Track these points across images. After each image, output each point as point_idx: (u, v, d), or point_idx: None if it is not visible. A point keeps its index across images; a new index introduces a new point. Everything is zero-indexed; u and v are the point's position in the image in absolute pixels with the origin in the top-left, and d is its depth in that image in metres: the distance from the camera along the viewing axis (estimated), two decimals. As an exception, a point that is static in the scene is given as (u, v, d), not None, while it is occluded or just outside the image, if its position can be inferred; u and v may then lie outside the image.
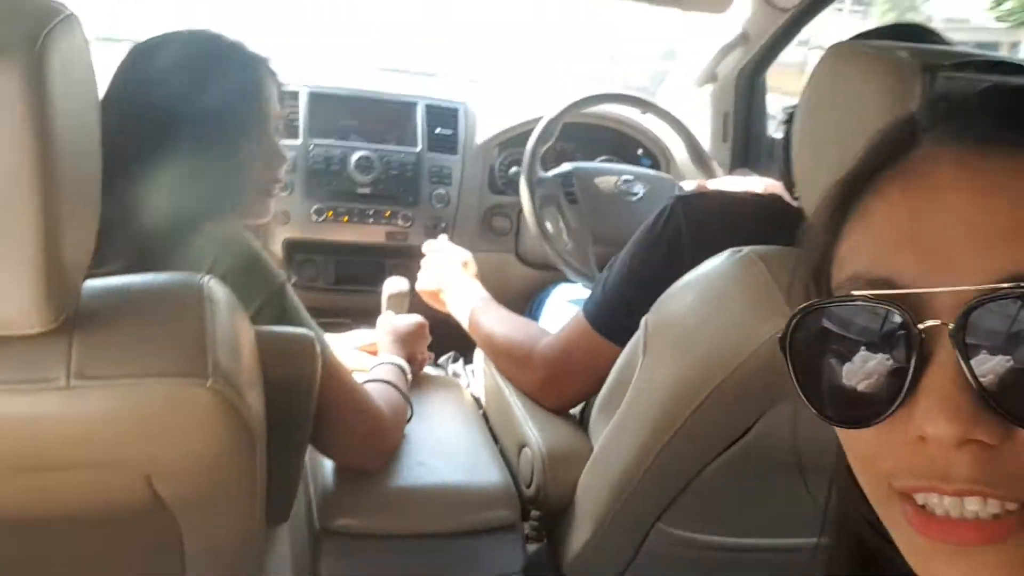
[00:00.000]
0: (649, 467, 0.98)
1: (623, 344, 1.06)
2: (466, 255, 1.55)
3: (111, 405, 0.63)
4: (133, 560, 0.81)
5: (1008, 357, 0.36)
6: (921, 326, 0.38)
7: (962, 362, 0.37)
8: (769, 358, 0.84)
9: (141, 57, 1.03)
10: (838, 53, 0.88)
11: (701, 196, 1.14)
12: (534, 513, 1.19)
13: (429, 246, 1.58)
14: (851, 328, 0.41)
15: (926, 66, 0.79)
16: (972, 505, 0.37)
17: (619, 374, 1.07)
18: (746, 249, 0.89)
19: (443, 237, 1.63)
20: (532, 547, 1.20)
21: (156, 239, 0.94)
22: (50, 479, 0.67)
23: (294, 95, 1.88)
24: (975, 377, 0.36)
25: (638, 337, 1.00)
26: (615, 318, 1.10)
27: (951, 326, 0.37)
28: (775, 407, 0.90)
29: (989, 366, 0.36)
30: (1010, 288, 0.36)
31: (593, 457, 1.08)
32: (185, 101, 0.98)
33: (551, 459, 1.13)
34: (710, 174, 1.86)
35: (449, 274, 1.50)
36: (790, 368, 0.44)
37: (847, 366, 0.41)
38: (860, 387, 0.41)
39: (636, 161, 2.06)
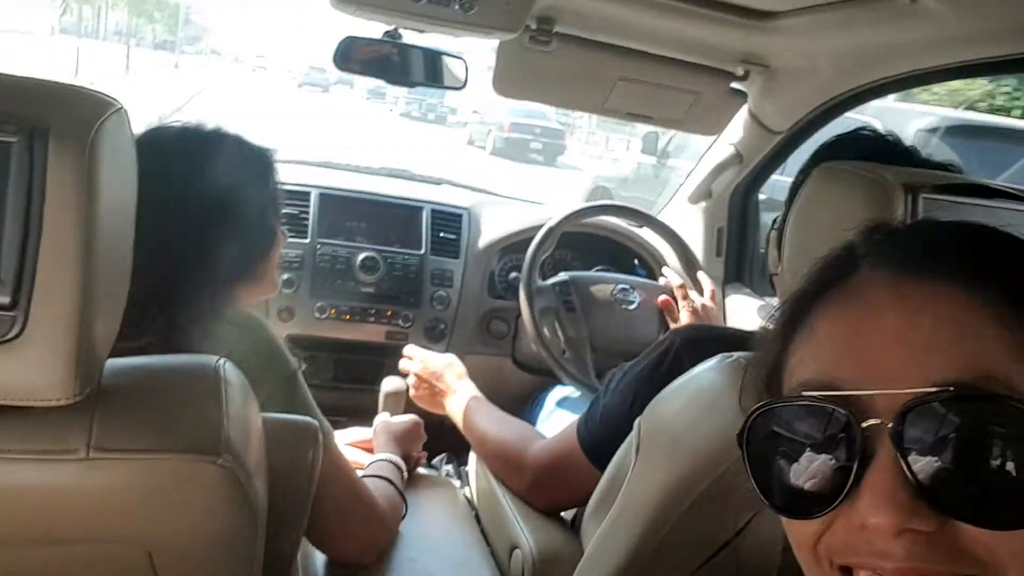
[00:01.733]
0: (640, 572, 0.98)
1: None
2: (449, 357, 1.58)
3: (125, 477, 0.65)
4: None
5: (939, 455, 0.41)
6: (864, 424, 0.43)
7: (900, 459, 0.41)
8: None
9: (150, 146, 1.06)
10: (827, 171, 0.94)
11: (703, 329, 1.17)
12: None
13: (409, 354, 1.60)
14: (800, 428, 0.46)
15: (908, 187, 0.84)
16: None
17: (612, 477, 1.08)
18: (736, 354, 0.92)
19: (410, 346, 1.65)
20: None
21: (183, 318, 0.96)
22: (54, 554, 0.68)
23: (305, 195, 1.95)
24: (912, 472, 0.41)
25: (631, 440, 1.02)
26: (607, 448, 1.10)
27: (890, 425, 0.42)
28: (763, 511, 0.91)
29: (924, 463, 0.41)
30: (938, 392, 0.41)
31: (583, 561, 1.08)
32: (197, 190, 1.03)
33: (542, 562, 1.12)
34: (698, 286, 1.91)
35: (441, 378, 1.52)
36: (746, 462, 0.49)
37: (796, 463, 0.46)
38: (807, 482, 0.45)
39: (631, 269, 2.12)
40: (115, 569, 0.70)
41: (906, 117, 3.58)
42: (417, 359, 1.58)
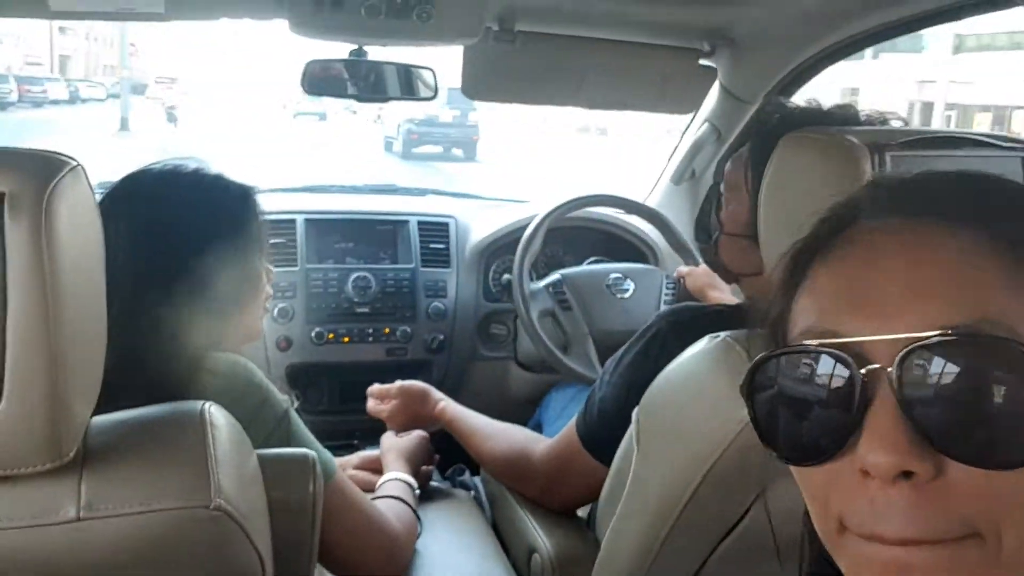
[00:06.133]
0: (653, 562, 0.97)
1: None
2: (401, 385, 1.53)
3: (119, 536, 0.65)
4: None
5: (938, 398, 0.41)
6: (863, 370, 0.43)
7: (899, 402, 0.42)
8: (756, 438, 0.85)
9: (127, 195, 1.05)
10: (793, 140, 0.94)
11: (687, 310, 1.16)
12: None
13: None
14: (802, 377, 0.46)
15: (874, 147, 0.84)
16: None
17: (618, 470, 1.08)
18: (723, 334, 0.92)
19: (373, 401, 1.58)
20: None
21: (163, 376, 0.96)
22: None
23: (291, 223, 1.95)
24: (911, 415, 0.41)
25: (631, 431, 1.02)
26: (608, 441, 1.10)
27: (889, 369, 0.42)
28: (770, 487, 0.91)
29: (923, 405, 0.41)
30: (939, 336, 0.41)
31: (600, 556, 1.08)
32: (176, 235, 1.02)
33: (560, 564, 1.13)
34: (694, 263, 1.90)
35: (408, 406, 1.50)
36: (752, 415, 0.49)
37: (799, 412, 0.47)
38: (812, 429, 0.46)
39: (625, 257, 2.12)
40: None
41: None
42: (374, 400, 1.55)
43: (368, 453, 1.48)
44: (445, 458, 1.55)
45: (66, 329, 0.62)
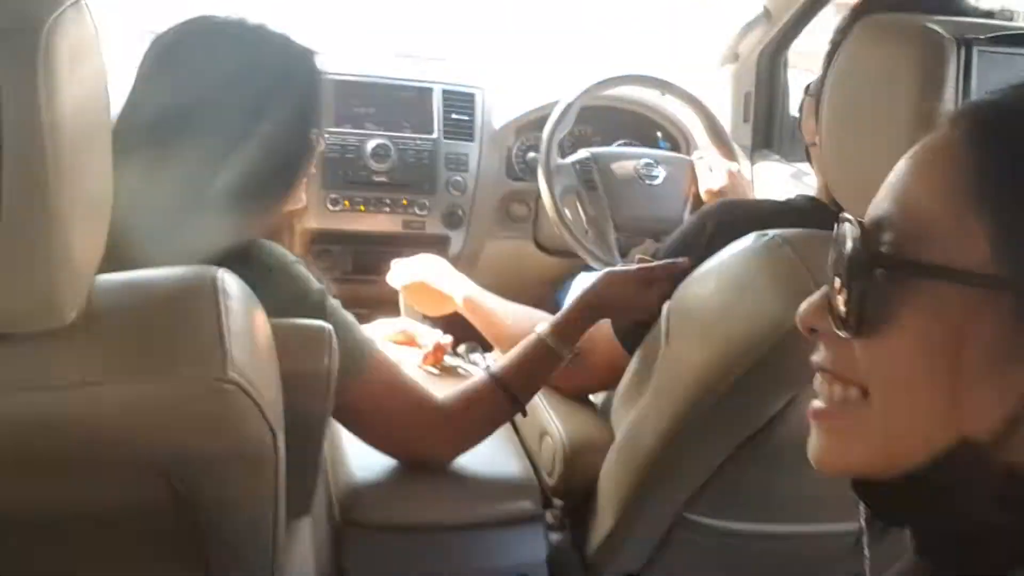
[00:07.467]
0: (674, 455, 0.96)
1: None
2: (422, 259, 1.50)
3: (125, 404, 0.61)
4: (152, 558, 0.80)
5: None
6: None
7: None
8: (800, 340, 0.81)
9: (177, 48, 0.98)
10: (869, 25, 0.86)
11: (738, 205, 1.10)
12: (556, 502, 1.18)
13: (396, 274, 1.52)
14: None
15: (961, 40, 0.76)
16: (817, 383, 0.50)
17: (640, 364, 1.05)
18: (772, 232, 0.87)
19: (398, 262, 1.54)
20: (555, 536, 1.18)
21: (200, 250, 0.90)
22: (64, 480, 0.66)
23: None
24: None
25: (659, 326, 0.98)
26: (638, 330, 1.06)
27: None
28: (804, 393, 0.88)
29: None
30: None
31: (616, 445, 1.06)
32: (231, 94, 0.94)
33: (572, 447, 1.11)
34: (730, 156, 1.82)
35: (427, 283, 1.46)
36: None
37: None
38: None
39: (655, 144, 2.03)
40: (132, 491, 0.68)
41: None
42: (396, 272, 1.51)
43: (387, 322, 1.46)
44: (458, 334, 1.52)
45: (67, 181, 0.56)
